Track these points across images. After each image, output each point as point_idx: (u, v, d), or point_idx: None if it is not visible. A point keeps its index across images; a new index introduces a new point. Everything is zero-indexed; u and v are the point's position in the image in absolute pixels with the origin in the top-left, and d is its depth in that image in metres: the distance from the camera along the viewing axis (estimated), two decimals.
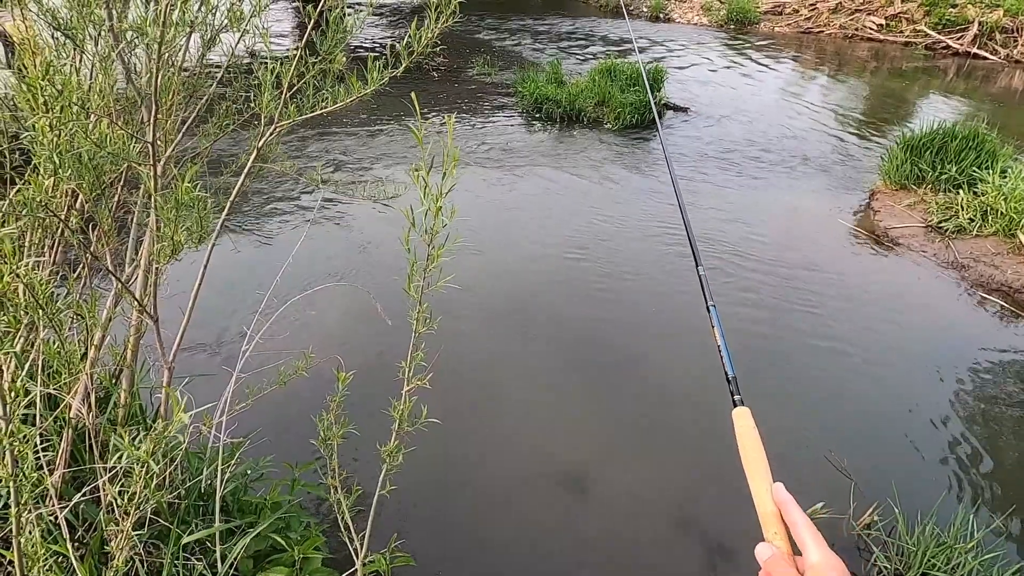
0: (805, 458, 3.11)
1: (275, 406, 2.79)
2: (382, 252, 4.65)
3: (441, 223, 1.10)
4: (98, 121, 1.46)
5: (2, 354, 0.88)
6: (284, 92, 1.52)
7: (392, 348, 3.51)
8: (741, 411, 0.86)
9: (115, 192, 1.97)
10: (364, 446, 1.83)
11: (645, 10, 14.68)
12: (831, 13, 13.59)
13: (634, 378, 3.60)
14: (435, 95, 8.51)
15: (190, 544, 1.79)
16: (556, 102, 7.64)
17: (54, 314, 1.29)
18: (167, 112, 1.71)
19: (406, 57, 1.48)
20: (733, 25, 13.73)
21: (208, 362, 3.41)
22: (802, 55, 11.89)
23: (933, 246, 5.19)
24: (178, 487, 1.91)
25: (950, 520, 2.67)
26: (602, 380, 3.58)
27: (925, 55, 12.12)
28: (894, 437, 3.27)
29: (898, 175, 5.99)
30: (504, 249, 4.84)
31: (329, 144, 6.68)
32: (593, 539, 2.67)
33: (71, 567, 1.58)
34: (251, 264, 4.46)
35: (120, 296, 1.90)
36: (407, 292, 1.19)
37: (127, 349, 1.94)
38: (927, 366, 3.81)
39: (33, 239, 1.93)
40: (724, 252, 4.91)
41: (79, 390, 1.78)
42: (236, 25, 1.47)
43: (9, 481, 0.96)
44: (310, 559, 1.87)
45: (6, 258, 0.86)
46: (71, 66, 1.70)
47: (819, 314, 4.24)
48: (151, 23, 1.27)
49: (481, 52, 10.33)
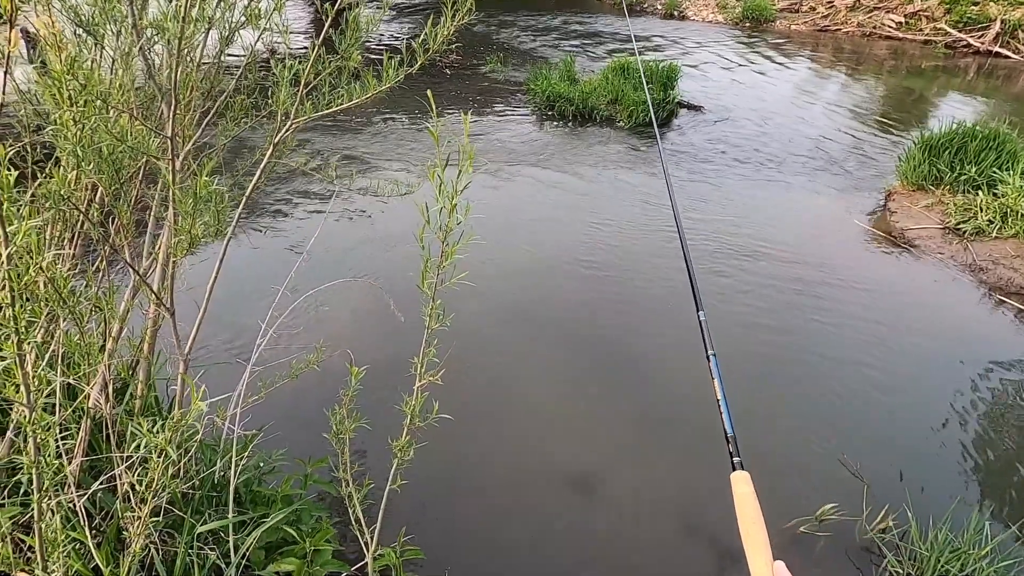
0: (817, 459, 3.08)
1: (288, 400, 2.82)
2: (396, 248, 4.67)
3: (456, 220, 1.11)
4: (119, 116, 1.48)
5: (26, 345, 0.90)
6: (301, 89, 1.54)
7: (404, 345, 3.53)
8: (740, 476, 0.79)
9: (134, 186, 2.00)
10: (375, 441, 1.85)
11: (659, 7, 14.57)
12: (849, 11, 13.40)
13: (646, 381, 3.59)
14: (448, 92, 8.52)
15: (204, 534, 1.82)
16: (569, 100, 7.61)
17: (74, 306, 1.31)
18: (186, 107, 1.74)
19: (421, 55, 1.49)
20: (748, 23, 13.59)
21: (222, 355, 3.45)
22: (819, 53, 11.74)
23: (951, 248, 5.11)
24: (192, 477, 1.95)
25: (964, 525, 2.63)
26: (613, 382, 3.58)
27: (945, 53, 11.91)
28: (908, 441, 3.24)
29: (916, 175, 5.90)
30: (514, 249, 4.84)
31: (343, 139, 6.71)
32: (600, 539, 2.67)
33: (88, 554, 1.61)
34: (265, 259, 4.50)
35: (138, 289, 1.93)
36: (421, 288, 1.20)
37: (144, 341, 1.97)
38: (943, 370, 3.76)
39: (54, 232, 1.97)
40: (737, 251, 4.87)
41: (97, 381, 1.82)
42: (254, 22, 1.49)
43: (32, 468, 0.98)
44: (321, 551, 1.89)
45: (31, 252, 0.88)
46: (92, 62, 1.73)
47: (832, 315, 4.20)
48: (171, 19, 1.29)
49: (494, 49, 10.32)
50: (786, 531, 2.69)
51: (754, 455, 3.19)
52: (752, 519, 0.75)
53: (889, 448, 3.18)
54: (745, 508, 0.76)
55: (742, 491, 0.78)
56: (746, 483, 0.79)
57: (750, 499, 0.77)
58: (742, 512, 0.76)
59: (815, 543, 2.67)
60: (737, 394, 3.40)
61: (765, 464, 3.06)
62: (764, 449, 3.14)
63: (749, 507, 0.76)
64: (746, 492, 0.78)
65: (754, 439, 3.19)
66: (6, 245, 0.78)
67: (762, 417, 3.34)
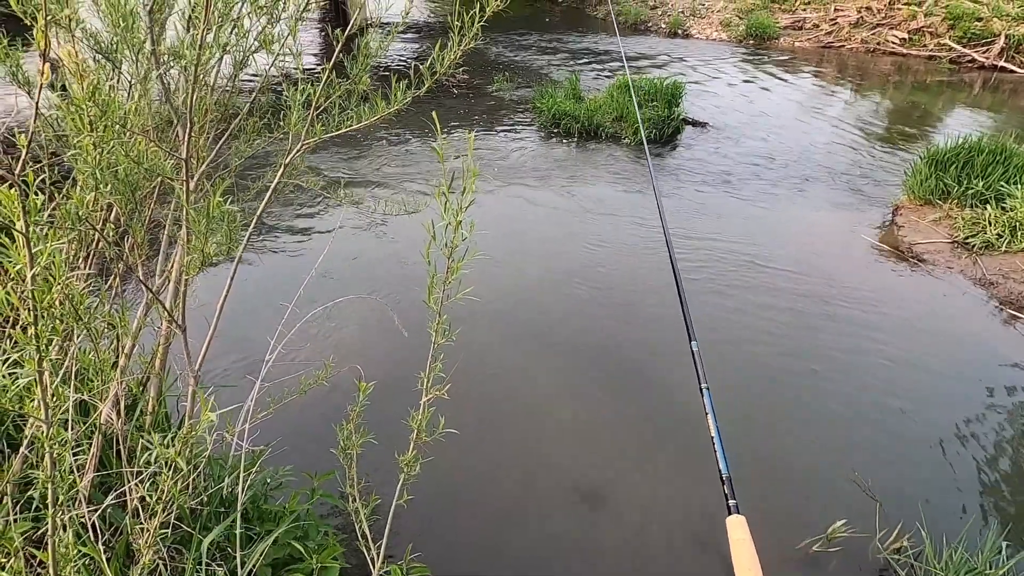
0: (829, 477, 3.05)
1: (295, 416, 2.83)
2: (404, 266, 4.71)
3: (460, 237, 1.14)
4: (136, 139, 1.53)
5: (45, 362, 0.93)
6: (312, 112, 1.58)
7: (410, 361, 3.54)
8: (737, 521, 0.77)
9: (148, 206, 2.05)
10: (382, 457, 1.86)
11: (663, 26, 14.76)
12: (852, 27, 13.51)
13: (652, 394, 3.58)
14: (455, 111, 8.64)
15: (211, 550, 1.83)
16: (574, 117, 7.70)
17: (90, 323, 1.35)
18: (200, 130, 1.79)
19: (428, 78, 1.53)
20: (752, 40, 13.73)
21: (231, 372, 3.48)
22: (823, 70, 11.82)
23: (960, 262, 5.08)
24: (200, 493, 1.96)
25: (980, 545, 2.59)
26: (619, 396, 3.57)
27: (950, 68, 11.95)
28: (920, 458, 3.19)
29: (922, 190, 5.90)
30: (520, 265, 4.87)
31: (351, 158, 6.81)
32: (609, 554, 2.64)
33: (97, 569, 1.62)
34: (274, 277, 4.55)
35: (150, 306, 1.97)
36: (427, 304, 1.22)
37: (155, 357, 2.01)
38: (953, 386, 3.72)
39: (70, 250, 2.02)
40: (743, 266, 4.87)
41: (110, 397, 1.84)
42: (268, 48, 1.54)
43: (47, 483, 1.00)
44: (328, 568, 1.89)
45: (52, 272, 0.91)
46: (110, 87, 1.79)
47: (840, 330, 4.17)
48: (188, 46, 1.34)
49: (500, 68, 10.48)
50: (798, 550, 2.66)
51: (763, 471, 3.16)
52: (747, 567, 0.72)
53: (901, 466, 3.14)
54: (741, 555, 0.73)
55: (738, 537, 0.75)
56: (742, 528, 0.76)
57: (746, 545, 0.74)
58: (738, 560, 0.73)
59: (827, 562, 2.63)
60: (746, 409, 3.40)
61: (775, 481, 3.03)
62: (774, 466, 3.11)
63: (745, 554, 0.73)
64: (742, 538, 0.75)
65: (763, 455, 3.16)
66: (31, 266, 0.81)
67: (771, 433, 3.31)
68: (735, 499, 0.80)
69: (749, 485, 3.00)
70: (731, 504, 0.80)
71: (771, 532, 2.77)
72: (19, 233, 0.79)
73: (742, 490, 2.58)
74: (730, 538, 0.77)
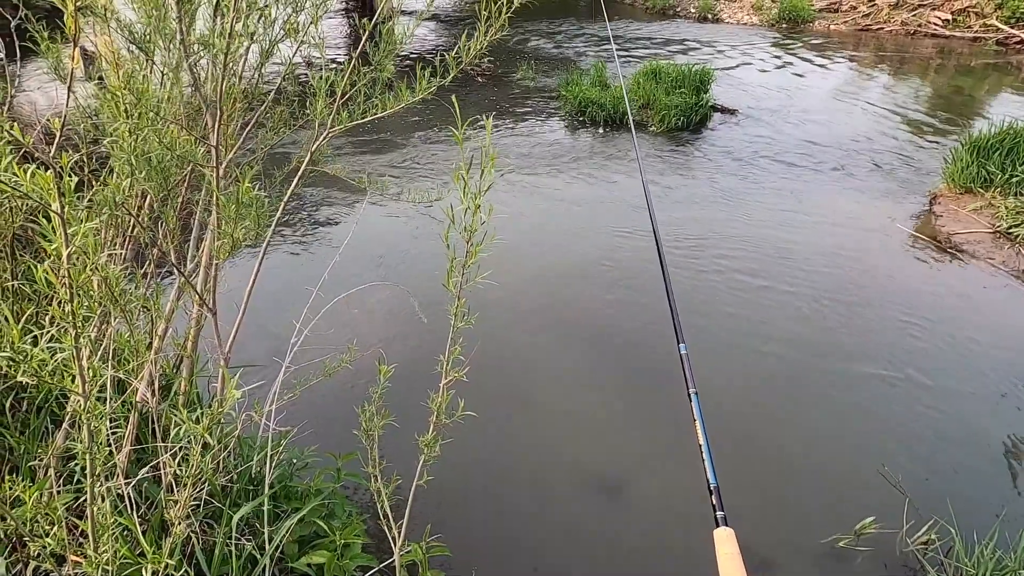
0: (856, 472, 2.99)
1: (319, 399, 2.90)
2: (426, 253, 4.76)
3: (479, 221, 1.14)
4: (168, 126, 1.58)
5: (82, 338, 0.98)
6: (337, 100, 1.60)
7: (430, 347, 3.59)
8: (725, 534, 0.73)
9: (180, 193, 2.11)
10: (403, 440, 1.89)
11: (693, 11, 14.42)
12: (892, 8, 12.98)
13: (670, 386, 3.55)
14: (480, 99, 8.63)
15: (240, 526, 1.90)
16: (600, 105, 7.61)
17: (125, 305, 1.40)
18: (228, 117, 1.83)
19: (453, 67, 1.53)
20: (786, 24, 13.31)
21: (259, 354, 3.57)
22: (860, 53, 11.40)
23: (1002, 253, 4.88)
24: (230, 471, 2.03)
25: (1013, 543, 2.51)
26: (639, 386, 3.55)
27: (996, 50, 11.39)
28: (952, 455, 3.10)
29: (963, 177, 5.67)
30: (542, 254, 4.86)
31: (376, 146, 6.88)
32: (627, 544, 2.65)
33: (134, 540, 1.70)
34: (300, 262, 4.64)
35: (183, 290, 2.04)
36: (447, 287, 1.24)
37: (187, 340, 2.08)
38: (991, 382, 3.59)
39: (107, 236, 2.10)
40: (776, 255, 4.77)
41: (144, 376, 1.92)
42: (294, 36, 1.56)
43: (85, 454, 1.06)
44: (351, 545, 1.95)
45: (87, 252, 0.95)
46: (144, 76, 1.84)
47: (875, 322, 4.06)
48: (218, 36, 1.37)
49: (526, 56, 10.40)
50: (824, 545, 2.62)
51: (790, 466, 3.11)
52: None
53: (933, 462, 3.06)
54: (730, 572, 0.70)
55: (726, 552, 0.72)
56: (731, 542, 0.72)
57: (734, 560, 0.71)
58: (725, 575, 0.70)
59: (854, 558, 2.59)
60: (777, 400, 3.34)
61: (801, 476, 2.99)
62: (802, 461, 3.06)
63: (734, 571, 0.70)
64: (730, 553, 0.71)
65: (790, 449, 3.12)
66: (67, 245, 0.85)
67: (800, 426, 3.26)
68: (723, 511, 0.77)
69: (765, 476, 2.97)
70: (719, 516, 0.77)
71: (790, 520, 2.74)
72: (55, 214, 0.83)
73: (759, 480, 2.54)
74: (718, 552, 0.73)
